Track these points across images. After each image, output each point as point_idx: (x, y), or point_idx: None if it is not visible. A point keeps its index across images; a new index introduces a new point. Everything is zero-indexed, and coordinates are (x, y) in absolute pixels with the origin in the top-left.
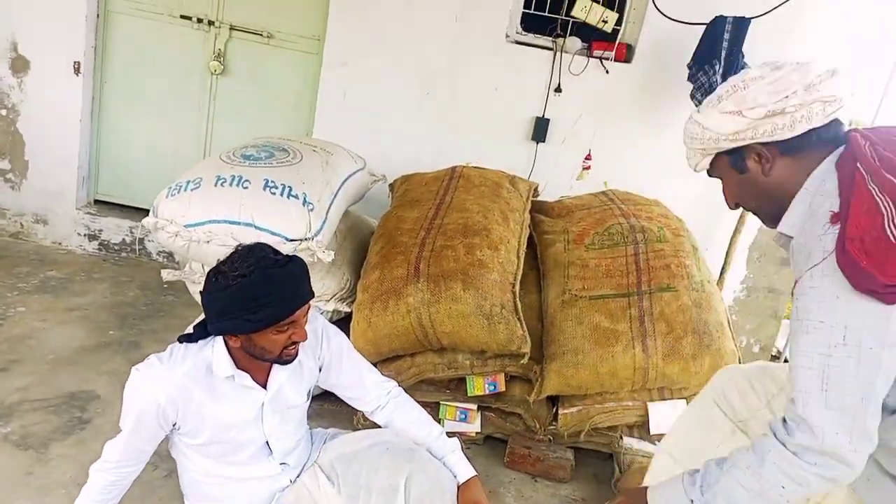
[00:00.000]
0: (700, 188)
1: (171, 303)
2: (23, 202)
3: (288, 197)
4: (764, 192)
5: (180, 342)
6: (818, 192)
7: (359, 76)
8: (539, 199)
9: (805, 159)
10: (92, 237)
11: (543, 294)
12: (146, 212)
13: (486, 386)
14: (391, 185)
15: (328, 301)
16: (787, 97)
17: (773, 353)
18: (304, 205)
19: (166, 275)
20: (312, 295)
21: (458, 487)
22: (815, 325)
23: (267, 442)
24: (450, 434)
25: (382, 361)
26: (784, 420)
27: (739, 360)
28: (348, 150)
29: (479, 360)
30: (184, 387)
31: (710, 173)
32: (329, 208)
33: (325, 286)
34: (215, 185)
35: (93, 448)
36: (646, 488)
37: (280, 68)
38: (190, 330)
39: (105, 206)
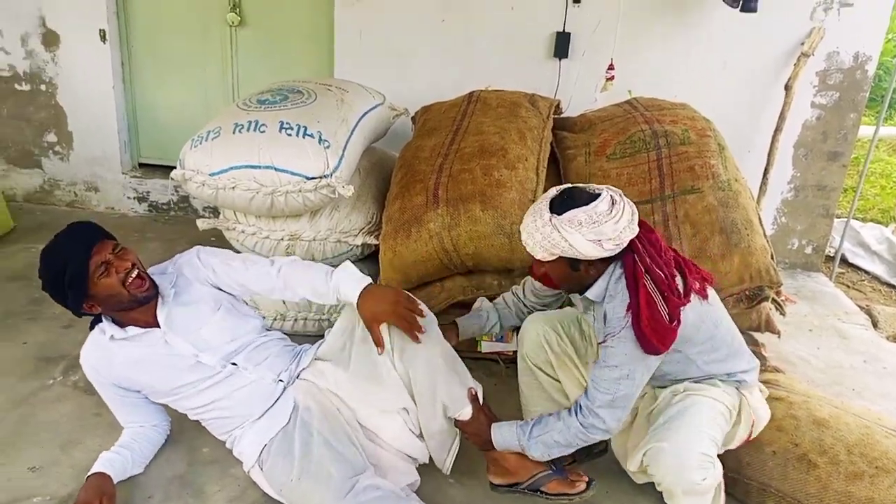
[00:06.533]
0: (737, 87)
1: None
2: (73, 172)
3: (303, 136)
4: (579, 281)
5: (91, 328)
6: (612, 281)
7: (372, 12)
8: (564, 115)
9: (604, 263)
10: (141, 199)
11: None
12: None
13: None
14: (413, 118)
15: (356, 235)
16: (621, 233)
17: (829, 254)
18: (319, 143)
19: (201, 224)
20: (100, 235)
21: (358, 306)
22: (612, 366)
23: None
24: (488, 355)
25: (413, 289)
26: (580, 407)
27: (772, 255)
28: (366, 86)
29: (506, 280)
30: (100, 361)
31: (542, 262)
32: (346, 145)
33: (353, 221)
34: (234, 133)
35: None
36: (491, 423)
37: (295, 12)
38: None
39: (149, 168)
